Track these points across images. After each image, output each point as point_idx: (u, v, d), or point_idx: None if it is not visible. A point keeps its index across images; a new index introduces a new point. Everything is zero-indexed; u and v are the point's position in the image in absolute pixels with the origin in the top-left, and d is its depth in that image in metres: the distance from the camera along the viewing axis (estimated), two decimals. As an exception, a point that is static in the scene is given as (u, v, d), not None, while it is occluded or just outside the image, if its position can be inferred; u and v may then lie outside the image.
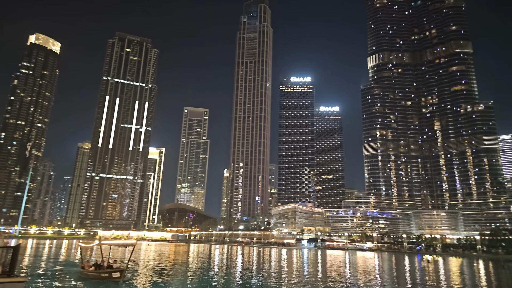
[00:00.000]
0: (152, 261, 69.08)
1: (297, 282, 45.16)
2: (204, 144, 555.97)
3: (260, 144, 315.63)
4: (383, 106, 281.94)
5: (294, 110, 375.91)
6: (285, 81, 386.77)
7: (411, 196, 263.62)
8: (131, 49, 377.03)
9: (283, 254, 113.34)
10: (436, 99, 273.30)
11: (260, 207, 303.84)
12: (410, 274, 63.14)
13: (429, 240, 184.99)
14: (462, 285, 48.94)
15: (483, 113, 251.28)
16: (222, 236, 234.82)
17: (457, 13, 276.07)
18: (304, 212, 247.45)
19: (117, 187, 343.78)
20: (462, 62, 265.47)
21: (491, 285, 50.45)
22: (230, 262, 72.57)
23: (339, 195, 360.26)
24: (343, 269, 66.61)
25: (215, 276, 48.13)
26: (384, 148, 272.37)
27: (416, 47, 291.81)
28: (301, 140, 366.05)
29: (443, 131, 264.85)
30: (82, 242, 55.71)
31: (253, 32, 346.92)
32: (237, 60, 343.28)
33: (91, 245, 53.14)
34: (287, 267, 67.66)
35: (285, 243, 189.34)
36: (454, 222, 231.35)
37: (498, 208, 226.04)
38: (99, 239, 50.64)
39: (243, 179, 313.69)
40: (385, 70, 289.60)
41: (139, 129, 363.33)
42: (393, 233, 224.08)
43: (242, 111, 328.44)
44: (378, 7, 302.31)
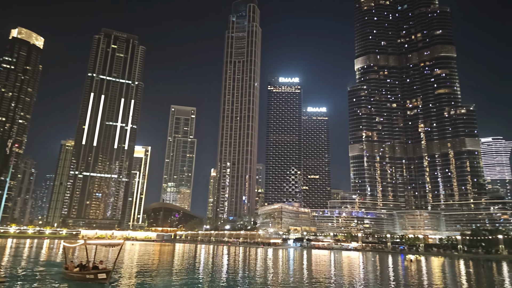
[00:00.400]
0: (137, 261, 68.02)
1: (283, 282, 45.17)
2: (191, 143, 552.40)
3: (248, 144, 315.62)
4: (369, 108, 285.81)
5: (282, 110, 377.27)
6: (273, 81, 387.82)
7: (395, 196, 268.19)
8: (118, 45, 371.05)
9: (269, 253, 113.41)
10: (421, 102, 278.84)
11: (247, 206, 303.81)
12: (393, 273, 64.07)
13: (412, 240, 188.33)
14: (443, 284, 49.93)
15: (465, 116, 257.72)
16: (208, 236, 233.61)
17: (441, 17, 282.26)
18: (290, 212, 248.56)
19: (101, 186, 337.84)
20: (446, 65, 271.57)
21: (471, 284, 51.65)
22: (216, 262, 72.13)
23: (325, 195, 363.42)
24: (328, 269, 67.08)
25: (201, 277, 47.71)
26: (369, 149, 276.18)
27: (402, 50, 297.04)
28: (289, 140, 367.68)
29: (427, 133, 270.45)
30: (66, 242, 53.13)
31: (242, 31, 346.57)
32: (225, 59, 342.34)
33: (76, 245, 51.12)
34: (272, 267, 67.66)
35: (271, 242, 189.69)
36: (436, 223, 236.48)
37: (479, 209, 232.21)
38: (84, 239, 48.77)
39: (230, 178, 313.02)
40: (372, 72, 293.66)
41: (124, 127, 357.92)
42: (378, 233, 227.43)
43: (230, 111, 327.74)
44: (365, 10, 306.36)
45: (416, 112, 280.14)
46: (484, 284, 51.24)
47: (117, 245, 39.38)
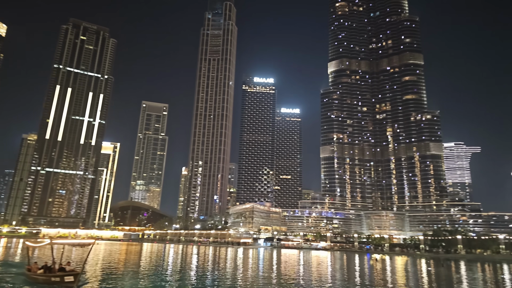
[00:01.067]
0: (103, 262, 65.12)
1: (251, 281, 44.79)
2: (162, 140, 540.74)
3: (221, 143, 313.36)
4: (340, 111, 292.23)
5: (256, 110, 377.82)
6: (248, 81, 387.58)
7: (363, 197, 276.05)
8: (87, 37, 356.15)
9: (239, 253, 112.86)
10: (390, 107, 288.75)
11: (218, 206, 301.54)
12: (360, 272, 65.50)
13: (378, 240, 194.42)
14: (405, 282, 51.59)
15: (430, 121, 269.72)
16: (178, 235, 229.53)
17: (411, 26, 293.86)
18: (262, 211, 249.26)
19: (65, 183, 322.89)
20: (414, 72, 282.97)
21: (431, 282, 53.78)
22: (185, 262, 70.60)
23: (297, 195, 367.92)
24: (296, 268, 67.50)
25: (170, 277, 46.36)
26: (340, 151, 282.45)
27: (373, 55, 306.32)
28: (262, 140, 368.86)
29: (395, 137, 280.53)
30: (30, 241, 48.50)
31: (218, 29, 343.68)
32: (200, 56, 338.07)
33: (41, 244, 46.59)
34: (242, 266, 67.20)
35: (241, 242, 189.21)
36: (401, 223, 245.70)
37: (440, 211, 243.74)
38: (50, 238, 44.57)
39: (201, 177, 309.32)
40: (344, 76, 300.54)
41: (92, 122, 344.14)
42: (346, 232, 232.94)
43: (203, 109, 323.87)
44: (340, 15, 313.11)
45: (385, 116, 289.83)
46: (442, 282, 53.41)
47: (88, 245, 35.79)
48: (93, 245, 34.76)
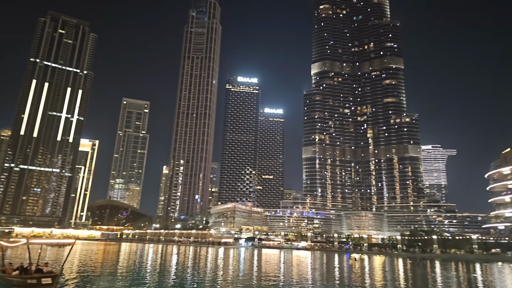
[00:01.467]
0: (80, 262, 63.11)
1: (232, 281, 44.47)
2: (143, 138, 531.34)
3: (203, 142, 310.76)
4: (323, 112, 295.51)
5: (239, 110, 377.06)
6: (231, 80, 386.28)
7: (344, 198, 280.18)
8: (66, 31, 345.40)
9: (220, 253, 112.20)
10: (370, 109, 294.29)
11: (200, 205, 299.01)
12: (339, 271, 66.28)
13: (357, 240, 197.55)
14: (383, 280, 52.59)
15: (409, 124, 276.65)
16: (157, 235, 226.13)
17: (392, 30, 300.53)
18: (243, 211, 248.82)
19: (40, 180, 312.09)
20: (394, 76, 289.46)
21: (407, 280, 55.03)
22: (164, 262, 69.45)
23: (278, 195, 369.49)
24: (277, 267, 67.63)
25: (149, 277, 45.41)
26: (321, 152, 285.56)
27: (356, 58, 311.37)
28: (245, 140, 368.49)
29: (375, 139, 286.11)
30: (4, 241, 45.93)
31: (202, 27, 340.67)
32: (183, 54, 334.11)
33: (17, 244, 44.14)
34: (223, 266, 66.75)
35: (222, 242, 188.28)
36: (379, 223, 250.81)
37: (417, 211, 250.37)
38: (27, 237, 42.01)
39: (183, 176, 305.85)
40: (327, 78, 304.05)
41: (70, 118, 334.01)
42: (326, 232, 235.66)
43: (186, 107, 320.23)
44: (323, 18, 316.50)
45: (366, 118, 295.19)
46: (418, 281, 54.74)
47: (67, 245, 33.53)
48: (73, 245, 32.88)
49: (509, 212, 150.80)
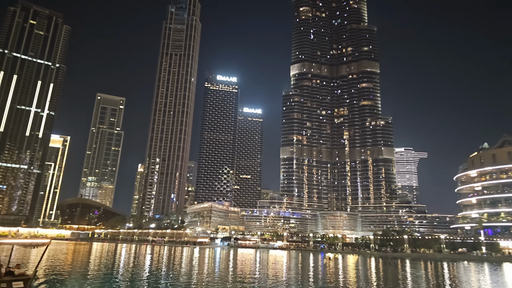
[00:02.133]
0: (49, 262, 60.33)
1: (207, 281, 43.90)
2: (118, 135, 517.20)
3: (180, 140, 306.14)
4: (301, 113, 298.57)
5: (218, 109, 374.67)
6: (210, 78, 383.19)
7: (320, 198, 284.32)
8: (37, 21, 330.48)
9: (196, 253, 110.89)
10: (347, 111, 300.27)
11: (175, 205, 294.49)
12: (313, 270, 67.03)
13: (332, 239, 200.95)
14: (355, 279, 53.65)
15: (383, 127, 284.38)
16: (131, 234, 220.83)
17: (369, 35, 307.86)
18: (220, 211, 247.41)
19: (6, 177, 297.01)
20: (371, 80, 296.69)
21: (379, 278, 56.45)
22: (138, 263, 67.72)
23: (256, 195, 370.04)
24: (252, 267, 67.51)
25: (121, 279, 44.03)
26: (299, 153, 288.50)
27: (334, 61, 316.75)
28: (223, 139, 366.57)
29: (351, 141, 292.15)
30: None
31: (181, 24, 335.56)
32: (161, 50, 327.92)
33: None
34: (198, 266, 65.93)
35: (198, 241, 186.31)
36: (353, 223, 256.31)
37: (390, 212, 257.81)
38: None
39: (158, 175, 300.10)
40: (306, 80, 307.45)
41: (40, 112, 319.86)
42: (302, 232, 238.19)
43: (163, 104, 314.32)
44: (304, 19, 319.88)
45: (342, 120, 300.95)
46: (389, 279, 56.23)
47: (42, 245, 30.51)
48: (48, 245, 30.18)
49: (475, 213, 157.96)
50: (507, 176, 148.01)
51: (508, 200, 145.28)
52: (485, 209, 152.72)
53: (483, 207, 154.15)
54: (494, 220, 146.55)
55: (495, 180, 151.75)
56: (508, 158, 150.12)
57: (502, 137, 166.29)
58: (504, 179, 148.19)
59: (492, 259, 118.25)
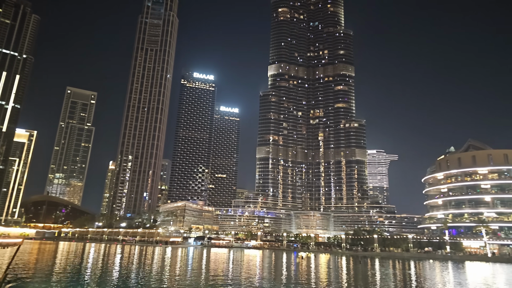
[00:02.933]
0: (14, 263, 57.01)
1: (179, 280, 43.09)
2: (88, 131, 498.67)
3: (154, 138, 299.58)
4: (277, 114, 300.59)
5: (194, 106, 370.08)
6: (187, 76, 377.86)
7: (294, 198, 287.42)
8: (3, 9, 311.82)
9: (168, 252, 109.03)
10: (322, 113, 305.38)
11: (148, 203, 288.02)
12: (286, 269, 67.54)
13: (305, 239, 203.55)
14: (327, 277, 54.58)
15: (357, 129, 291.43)
16: (100, 233, 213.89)
17: (345, 39, 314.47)
18: (194, 210, 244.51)
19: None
20: (346, 83, 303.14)
21: (349, 276, 57.74)
22: (107, 262, 65.53)
23: (231, 195, 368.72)
24: (225, 266, 67.10)
25: (88, 279, 42.34)
26: (275, 153, 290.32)
27: (311, 63, 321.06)
28: (199, 137, 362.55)
29: (325, 142, 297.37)
30: None
31: (157, 18, 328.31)
32: (136, 45, 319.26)
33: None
34: (170, 265, 64.74)
35: (170, 241, 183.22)
36: (326, 223, 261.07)
37: (361, 212, 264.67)
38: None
39: (131, 173, 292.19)
40: (283, 80, 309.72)
41: (4, 105, 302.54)
42: (276, 231, 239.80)
43: (137, 100, 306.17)
44: (282, 21, 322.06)
45: (318, 122, 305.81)
46: (359, 277, 57.61)
47: (13, 245, 27.68)
48: (20, 245, 27.59)
49: (441, 213, 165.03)
50: (471, 179, 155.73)
51: (471, 202, 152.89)
52: (450, 210, 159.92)
53: (448, 208, 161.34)
54: (458, 221, 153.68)
55: (460, 183, 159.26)
56: (472, 161, 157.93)
57: (468, 141, 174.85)
58: (468, 181, 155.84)
59: (456, 258, 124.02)
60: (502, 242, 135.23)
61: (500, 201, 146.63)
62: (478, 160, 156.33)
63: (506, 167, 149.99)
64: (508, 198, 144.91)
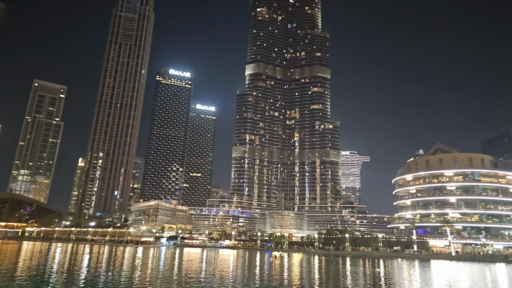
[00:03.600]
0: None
1: (150, 281, 41.95)
2: (56, 126, 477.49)
3: (127, 134, 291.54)
4: (254, 113, 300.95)
5: (169, 104, 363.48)
6: (162, 72, 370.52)
7: (269, 197, 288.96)
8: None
9: (139, 252, 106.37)
10: (298, 114, 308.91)
11: (119, 202, 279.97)
12: (259, 268, 67.58)
13: (279, 238, 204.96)
14: (299, 276, 55.09)
15: (332, 131, 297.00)
16: (68, 233, 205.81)
17: (322, 42, 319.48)
18: (167, 209, 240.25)
19: None
20: (321, 85, 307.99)
21: (321, 275, 58.58)
22: (74, 263, 62.88)
23: (206, 194, 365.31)
24: (198, 266, 66.25)
25: (53, 281, 40.36)
26: (251, 152, 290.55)
27: (288, 64, 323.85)
28: (174, 135, 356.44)
29: (301, 143, 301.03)
30: None
31: (133, 12, 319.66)
32: (110, 38, 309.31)
33: None
34: (141, 266, 63.06)
35: (142, 241, 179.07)
36: (300, 222, 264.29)
37: (334, 212, 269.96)
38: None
39: (101, 170, 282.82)
40: (260, 80, 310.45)
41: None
42: (250, 231, 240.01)
43: (109, 96, 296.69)
44: (260, 21, 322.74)
45: (294, 122, 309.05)
46: (330, 276, 58.59)
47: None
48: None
49: (409, 214, 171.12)
50: (438, 180, 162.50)
51: (438, 203, 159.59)
52: (418, 211, 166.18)
53: (416, 208, 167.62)
54: (425, 221, 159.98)
55: (427, 184, 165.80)
56: (439, 164, 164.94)
57: (435, 145, 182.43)
58: (435, 183, 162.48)
59: (422, 256, 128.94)
60: (465, 242, 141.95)
61: (464, 202, 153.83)
62: (444, 163, 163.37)
63: (470, 169, 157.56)
64: (471, 200, 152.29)
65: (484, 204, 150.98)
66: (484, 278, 64.17)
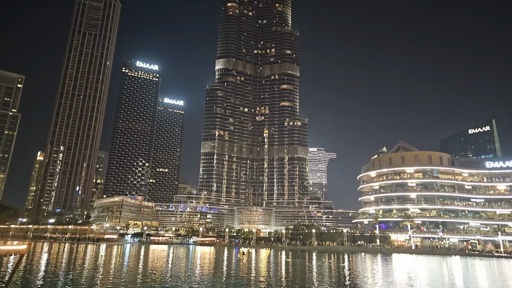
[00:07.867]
0: None
1: (114, 281, 40.26)
2: (13, 118, 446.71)
3: (90, 128, 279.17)
4: (224, 109, 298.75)
5: (135, 97, 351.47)
6: (129, 64, 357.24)
7: (238, 193, 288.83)
8: None
9: (102, 250, 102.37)
10: (268, 110, 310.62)
11: (81, 198, 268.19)
12: (227, 265, 67.26)
13: (247, 234, 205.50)
14: (266, 271, 55.41)
15: (300, 128, 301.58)
16: (24, 230, 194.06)
17: (291, 39, 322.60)
18: (132, 205, 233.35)
19: None
20: (291, 82, 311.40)
21: (288, 270, 59.32)
22: (31, 263, 59.12)
23: (173, 190, 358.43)
24: (164, 264, 64.79)
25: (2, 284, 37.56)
26: (220, 148, 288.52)
27: (258, 60, 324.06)
28: (140, 129, 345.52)
29: (270, 139, 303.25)
30: None
31: (98, 1, 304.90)
32: (72, 27, 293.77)
33: None
34: (103, 264, 60.59)
35: (105, 238, 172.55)
36: (268, 218, 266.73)
37: (301, 207, 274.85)
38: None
39: (62, 165, 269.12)
40: (230, 76, 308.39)
41: None
42: (218, 227, 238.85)
43: (71, 87, 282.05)
44: (230, 15, 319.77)
45: (263, 119, 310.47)
46: (297, 270, 59.46)
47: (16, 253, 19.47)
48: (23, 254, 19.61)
49: (373, 209, 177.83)
50: (400, 177, 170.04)
51: (399, 199, 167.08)
52: (381, 206, 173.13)
53: (380, 204, 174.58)
54: (387, 216, 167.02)
55: (390, 181, 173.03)
56: (401, 161, 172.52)
57: (398, 143, 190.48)
58: (397, 180, 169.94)
59: (384, 250, 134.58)
60: (424, 236, 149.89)
61: (423, 198, 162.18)
62: (406, 160, 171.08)
63: (430, 167, 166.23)
64: (430, 196, 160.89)
65: (442, 200, 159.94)
66: (441, 270, 67.95)
